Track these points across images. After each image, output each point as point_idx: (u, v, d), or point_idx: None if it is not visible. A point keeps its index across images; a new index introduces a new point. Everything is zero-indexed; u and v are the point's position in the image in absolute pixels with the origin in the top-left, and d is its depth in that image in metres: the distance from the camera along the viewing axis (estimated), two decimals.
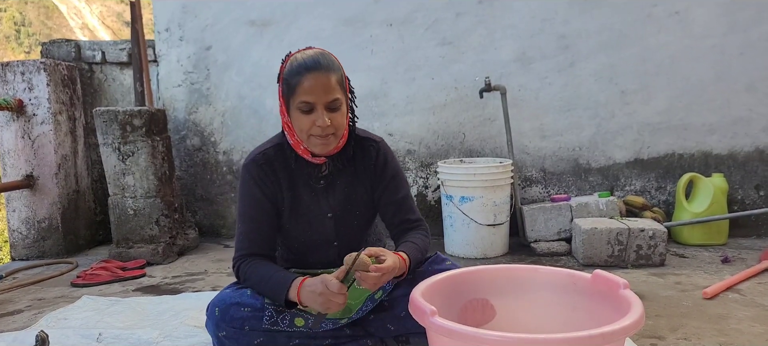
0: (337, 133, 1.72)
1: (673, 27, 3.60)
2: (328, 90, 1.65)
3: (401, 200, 1.88)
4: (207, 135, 4.01)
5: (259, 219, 1.80)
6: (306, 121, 1.68)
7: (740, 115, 3.63)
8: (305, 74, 1.64)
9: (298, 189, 1.83)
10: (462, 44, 3.75)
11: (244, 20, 3.88)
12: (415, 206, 1.93)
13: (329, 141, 1.71)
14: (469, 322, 1.69)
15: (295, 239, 1.89)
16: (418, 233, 1.85)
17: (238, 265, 1.78)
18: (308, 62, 1.66)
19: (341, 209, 1.86)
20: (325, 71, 1.66)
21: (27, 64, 3.60)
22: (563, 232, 3.38)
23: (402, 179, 1.91)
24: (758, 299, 2.43)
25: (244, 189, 1.81)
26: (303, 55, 1.70)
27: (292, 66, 1.68)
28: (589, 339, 1.24)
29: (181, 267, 3.29)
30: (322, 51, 1.73)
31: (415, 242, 1.79)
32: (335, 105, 1.68)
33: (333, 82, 1.66)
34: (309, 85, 1.64)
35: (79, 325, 2.29)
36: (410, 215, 1.89)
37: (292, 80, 1.67)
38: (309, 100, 1.65)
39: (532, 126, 3.76)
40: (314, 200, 1.84)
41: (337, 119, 1.69)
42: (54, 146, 3.61)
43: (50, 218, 3.64)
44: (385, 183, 1.87)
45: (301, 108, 1.67)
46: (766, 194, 3.69)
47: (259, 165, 1.80)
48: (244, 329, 1.71)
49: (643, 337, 2.05)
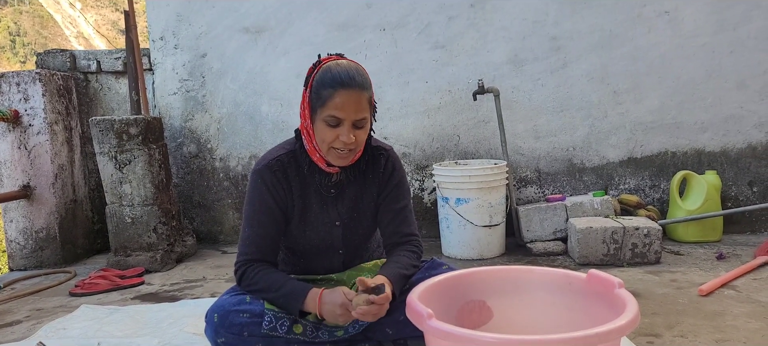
0: (358, 148, 1.74)
1: (663, 27, 3.63)
2: (359, 109, 1.65)
3: (399, 209, 1.89)
4: (203, 142, 4.02)
5: (267, 225, 1.80)
6: (330, 134, 1.67)
7: (732, 113, 3.66)
8: (339, 90, 1.62)
9: (309, 196, 1.84)
10: (455, 47, 3.77)
11: (238, 27, 3.89)
12: (412, 218, 1.92)
13: (348, 156, 1.73)
14: (467, 324, 1.71)
15: (301, 244, 1.90)
16: (406, 250, 1.85)
17: (243, 269, 1.78)
18: (343, 77, 1.63)
19: (349, 218, 1.88)
20: (359, 89, 1.64)
21: (22, 75, 3.60)
22: (559, 232, 3.40)
23: (404, 190, 1.92)
24: (754, 295, 2.45)
25: (255, 194, 1.80)
26: (337, 66, 1.67)
27: (325, 77, 1.66)
28: (584, 339, 1.25)
29: (180, 274, 3.29)
30: (357, 66, 1.70)
31: (399, 262, 1.79)
32: (362, 123, 1.68)
33: (364, 101, 1.66)
34: (341, 102, 1.62)
35: (78, 334, 2.29)
36: (404, 228, 1.88)
37: (324, 92, 1.64)
38: (338, 116, 1.64)
39: (526, 127, 3.79)
40: (323, 208, 1.86)
41: (361, 136, 1.70)
42: (50, 156, 3.61)
43: (48, 227, 3.64)
44: (388, 191, 1.89)
45: (328, 121, 1.65)
46: (759, 190, 3.72)
47: (273, 171, 1.79)
48: (243, 335, 1.72)
49: (640, 335, 2.07)
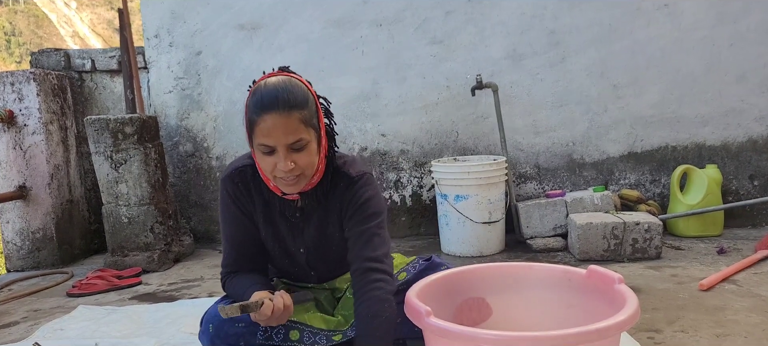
0: (306, 172, 1.57)
1: (663, 20, 3.61)
2: (288, 131, 1.48)
3: (361, 232, 1.66)
4: (199, 141, 3.99)
5: (240, 237, 1.76)
6: (268, 163, 1.53)
7: (732, 106, 3.64)
8: (262, 115, 1.47)
9: (274, 217, 1.75)
10: (452, 43, 3.74)
11: (233, 24, 3.86)
12: (379, 240, 1.66)
13: (298, 182, 1.57)
14: (465, 321, 1.69)
15: (273, 261, 1.87)
16: (372, 285, 1.59)
17: (223, 282, 1.79)
18: (266, 100, 1.48)
19: (314, 246, 1.79)
20: (285, 110, 1.47)
21: (16, 75, 3.58)
22: (559, 227, 3.38)
23: (370, 211, 1.67)
24: (755, 290, 2.44)
25: (223, 205, 1.74)
26: (265, 87, 1.51)
27: (252, 100, 1.52)
28: (584, 335, 1.24)
29: (177, 274, 3.27)
30: (289, 81, 1.53)
31: (365, 322, 1.58)
32: (299, 145, 1.51)
33: (294, 121, 1.48)
34: (266, 127, 1.48)
35: (75, 335, 2.28)
36: (367, 251, 1.63)
37: (251, 118, 1.51)
38: (268, 144, 1.50)
39: (525, 122, 3.76)
40: (289, 232, 1.77)
41: (303, 159, 1.53)
42: (46, 156, 3.59)
43: (44, 228, 3.62)
44: (351, 212, 1.68)
45: (261, 149, 1.52)
46: (760, 183, 3.70)
47: (235, 182, 1.71)
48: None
49: (641, 331, 2.05)
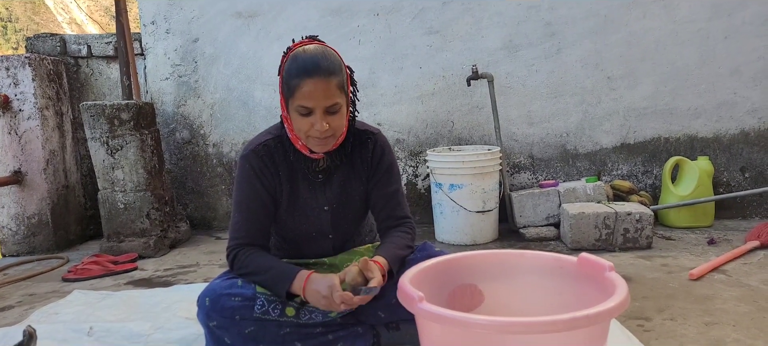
0: (336, 134, 1.71)
1: (658, 12, 3.63)
2: (327, 95, 1.62)
3: (391, 194, 1.89)
4: (196, 128, 4.00)
5: (257, 210, 1.80)
6: (304, 123, 1.66)
7: (725, 99, 3.67)
8: (305, 79, 1.60)
9: (296, 182, 1.84)
10: (449, 33, 3.75)
11: (231, 12, 3.86)
12: (404, 201, 1.92)
13: (328, 142, 1.71)
14: (458, 307, 1.70)
15: (291, 230, 1.90)
16: (400, 231, 1.86)
17: (234, 253, 1.78)
18: (309, 65, 1.61)
19: (337, 203, 1.88)
20: (325, 76, 1.61)
21: (11, 60, 3.57)
22: (552, 217, 3.41)
23: (395, 174, 1.92)
24: (743, 280, 2.47)
25: (243, 179, 1.80)
26: (304, 53, 1.64)
27: (292, 66, 1.64)
28: (574, 321, 1.26)
29: (173, 260, 3.29)
30: (325, 50, 1.67)
31: (395, 242, 1.80)
32: (334, 109, 1.65)
33: (333, 86, 1.63)
34: (308, 90, 1.60)
35: (70, 319, 2.29)
36: (397, 211, 1.89)
37: (291, 82, 1.63)
38: (308, 106, 1.62)
39: (520, 113, 3.78)
40: (312, 194, 1.86)
41: (336, 122, 1.68)
42: (41, 142, 3.59)
43: (40, 213, 3.63)
44: (379, 176, 1.89)
45: (299, 111, 1.64)
46: (751, 176, 3.73)
47: (260, 156, 1.80)
48: (234, 319, 1.71)
49: (631, 318, 2.08)
